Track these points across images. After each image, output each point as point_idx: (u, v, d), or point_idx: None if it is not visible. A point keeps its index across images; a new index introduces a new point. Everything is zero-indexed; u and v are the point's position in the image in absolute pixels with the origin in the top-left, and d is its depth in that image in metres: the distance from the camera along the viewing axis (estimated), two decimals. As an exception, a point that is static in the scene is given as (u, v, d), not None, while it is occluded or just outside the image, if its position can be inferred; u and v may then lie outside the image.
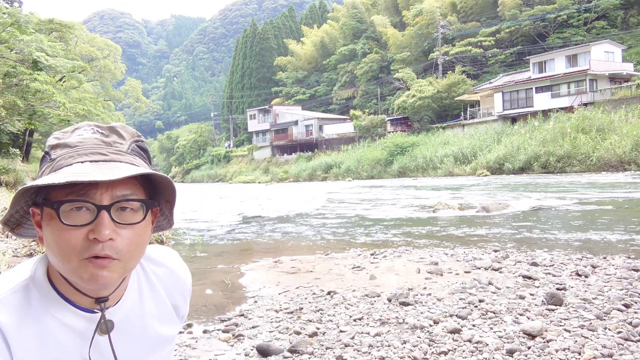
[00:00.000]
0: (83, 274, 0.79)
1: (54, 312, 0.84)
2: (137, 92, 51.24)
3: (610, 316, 3.05)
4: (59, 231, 0.78)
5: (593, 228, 7.51)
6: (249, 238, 8.65)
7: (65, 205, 0.78)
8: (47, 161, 0.84)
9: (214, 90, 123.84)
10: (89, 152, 0.82)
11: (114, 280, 0.82)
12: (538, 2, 46.68)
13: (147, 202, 0.84)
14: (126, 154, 0.85)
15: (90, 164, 0.80)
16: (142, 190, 0.85)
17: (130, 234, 0.82)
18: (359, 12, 65.85)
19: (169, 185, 0.88)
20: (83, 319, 0.86)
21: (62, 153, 0.83)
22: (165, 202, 0.95)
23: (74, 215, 0.78)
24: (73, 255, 0.78)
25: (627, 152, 24.29)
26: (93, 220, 0.78)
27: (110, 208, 0.79)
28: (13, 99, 14.85)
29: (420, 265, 5.02)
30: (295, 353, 2.74)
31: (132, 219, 0.82)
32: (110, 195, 0.80)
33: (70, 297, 0.85)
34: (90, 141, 0.84)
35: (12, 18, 16.22)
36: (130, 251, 0.82)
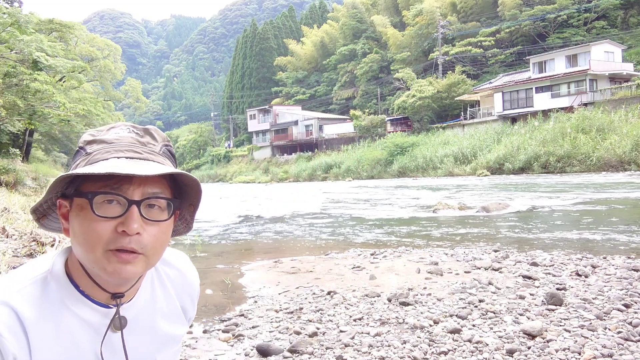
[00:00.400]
0: (107, 265, 0.82)
1: (70, 305, 0.86)
2: (137, 92, 51.22)
3: (610, 316, 3.05)
4: (89, 221, 0.82)
5: (593, 228, 7.51)
6: (249, 238, 8.65)
7: (98, 197, 0.81)
8: (82, 155, 0.87)
9: (214, 90, 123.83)
10: (125, 149, 0.86)
11: (136, 275, 0.85)
12: (538, 2, 46.68)
13: (174, 201, 0.88)
14: (158, 154, 0.90)
15: (126, 159, 0.84)
16: (170, 191, 0.89)
17: (156, 230, 0.85)
18: (359, 12, 65.86)
19: (196, 187, 0.92)
20: (98, 314, 0.88)
21: (98, 148, 0.87)
22: (189, 205, 0.98)
23: (105, 207, 0.82)
24: (98, 246, 0.81)
25: (627, 152, 24.29)
26: (123, 213, 0.82)
27: (141, 203, 0.83)
28: (13, 99, 14.85)
29: (420, 265, 5.02)
30: (295, 353, 2.74)
31: (159, 217, 0.86)
32: (141, 191, 0.83)
33: (88, 291, 0.88)
34: (126, 139, 0.88)
35: (12, 18, 16.22)
36: (155, 247, 0.86)
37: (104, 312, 0.89)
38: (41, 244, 5.05)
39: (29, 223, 6.40)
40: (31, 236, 5.33)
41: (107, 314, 0.89)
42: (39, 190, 15.03)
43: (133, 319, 0.93)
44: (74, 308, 0.87)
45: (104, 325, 0.89)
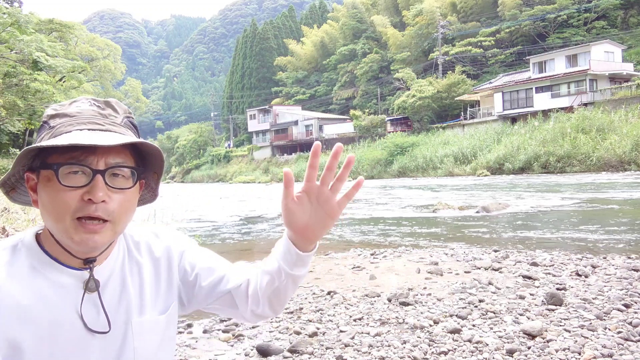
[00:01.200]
0: (74, 235, 0.85)
1: (41, 269, 0.89)
2: (137, 92, 51.27)
3: (610, 316, 3.05)
4: (56, 192, 0.85)
5: (593, 228, 7.51)
6: (249, 238, 8.65)
7: (64, 168, 0.84)
8: (46, 129, 0.90)
9: (214, 90, 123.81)
10: (86, 122, 0.89)
11: (103, 244, 0.89)
12: (538, 2, 46.69)
13: (137, 170, 0.92)
14: (120, 125, 0.93)
15: (89, 131, 0.87)
16: (133, 160, 0.92)
17: (121, 198, 0.89)
18: (359, 12, 65.87)
19: (158, 156, 0.95)
20: (71, 277, 0.91)
21: (61, 122, 0.89)
22: (153, 173, 1.02)
23: (71, 177, 0.85)
24: (67, 215, 0.84)
25: (627, 152, 24.29)
26: (88, 183, 0.85)
27: (105, 173, 0.86)
28: (13, 99, 14.85)
29: (420, 265, 5.02)
30: (295, 353, 2.74)
31: (124, 185, 0.89)
32: (104, 161, 0.87)
33: (59, 257, 0.91)
34: (88, 112, 0.91)
35: (12, 18, 16.22)
36: (120, 214, 0.89)
37: (76, 275, 0.91)
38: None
39: (29, 223, 6.40)
40: (31, 236, 5.33)
41: (80, 277, 0.91)
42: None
43: (105, 281, 0.94)
44: (45, 272, 0.89)
45: (78, 287, 0.90)
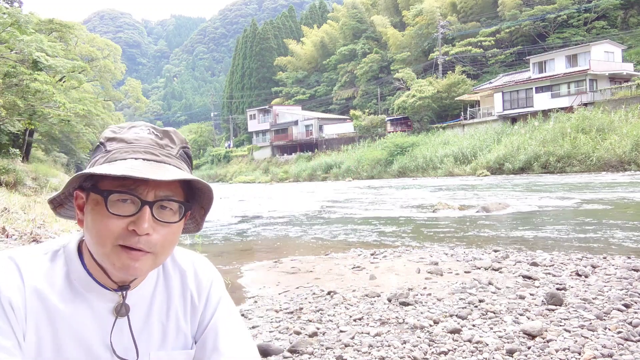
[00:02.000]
0: (115, 261, 0.85)
1: (74, 281, 0.90)
2: (137, 92, 51.24)
3: (610, 316, 3.05)
4: (102, 217, 0.85)
5: (593, 228, 7.51)
6: (249, 238, 8.65)
7: (114, 195, 0.84)
8: (102, 152, 0.90)
9: (214, 90, 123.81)
10: (143, 151, 0.88)
11: (143, 272, 0.89)
12: (538, 2, 46.68)
13: (186, 205, 0.91)
14: (175, 157, 0.92)
15: (143, 161, 0.86)
16: (182, 194, 0.92)
17: (166, 231, 0.88)
18: (359, 12, 65.85)
19: (209, 193, 0.95)
20: (100, 296, 0.91)
21: (118, 147, 0.89)
22: (200, 207, 1.01)
23: (119, 205, 0.85)
24: (108, 241, 0.84)
25: (627, 152, 24.29)
26: (136, 213, 0.85)
27: (153, 205, 0.86)
28: (13, 99, 14.84)
29: (420, 265, 5.02)
30: (295, 353, 2.74)
31: (170, 219, 0.88)
32: (154, 193, 0.86)
33: (94, 273, 0.91)
34: (145, 140, 0.90)
35: (12, 18, 16.21)
36: (163, 247, 0.88)
37: (109, 297, 0.91)
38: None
39: (29, 223, 6.41)
40: (31, 236, 5.33)
41: (112, 298, 0.91)
42: (39, 190, 15.02)
43: (132, 306, 0.94)
44: (79, 286, 0.90)
45: (106, 308, 0.91)
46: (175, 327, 0.99)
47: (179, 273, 1.02)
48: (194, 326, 1.01)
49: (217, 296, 1.04)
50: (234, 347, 0.99)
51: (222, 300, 1.04)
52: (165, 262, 1.00)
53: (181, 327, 0.99)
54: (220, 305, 1.03)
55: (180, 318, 1.00)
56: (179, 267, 1.02)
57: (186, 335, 1.00)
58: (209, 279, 1.05)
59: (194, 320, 1.01)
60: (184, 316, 1.00)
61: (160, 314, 0.97)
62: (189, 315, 1.01)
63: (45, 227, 6.52)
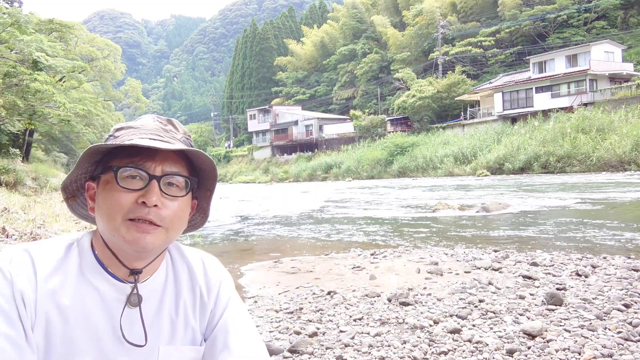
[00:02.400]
0: (126, 234, 0.88)
1: (88, 273, 0.92)
2: (137, 92, 51.22)
3: (610, 316, 3.05)
4: (113, 192, 0.89)
5: (593, 228, 7.51)
6: (249, 238, 8.65)
7: (122, 170, 0.90)
8: (111, 140, 0.96)
9: (214, 90, 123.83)
10: (149, 133, 0.95)
11: (154, 246, 0.91)
12: (538, 2, 46.69)
13: (191, 179, 0.96)
14: (179, 141, 0.98)
15: (149, 140, 0.92)
16: (187, 172, 0.97)
17: (174, 205, 0.92)
18: (359, 12, 65.86)
19: (212, 170, 1.00)
20: (114, 287, 0.93)
21: (125, 132, 0.96)
22: (205, 191, 1.05)
23: (129, 181, 0.90)
24: (119, 215, 0.88)
25: (627, 152, 24.29)
26: (144, 187, 0.90)
27: (161, 179, 0.91)
28: (13, 99, 14.84)
29: (420, 265, 5.02)
30: (295, 353, 2.74)
31: (177, 193, 0.93)
32: (161, 169, 0.92)
33: (107, 263, 0.94)
34: (151, 125, 0.98)
35: (12, 18, 16.20)
36: (173, 221, 0.92)
37: (119, 287, 0.93)
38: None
39: (29, 223, 6.41)
40: (31, 236, 5.33)
41: (123, 290, 0.93)
42: (39, 190, 15.02)
43: (145, 298, 0.96)
44: (90, 277, 0.92)
45: (119, 300, 0.92)
46: (184, 322, 0.99)
47: (187, 268, 1.04)
48: (202, 323, 1.02)
49: (227, 295, 1.05)
50: (244, 345, 0.99)
51: (232, 299, 1.06)
52: (174, 256, 1.04)
53: (190, 322, 1.00)
54: (230, 304, 1.04)
55: (190, 313, 1.01)
56: (187, 262, 1.04)
57: (195, 331, 1.01)
58: (218, 278, 1.06)
59: (203, 317, 1.02)
60: (193, 312, 1.01)
61: (170, 309, 0.99)
62: (198, 312, 1.02)
63: (45, 227, 6.52)
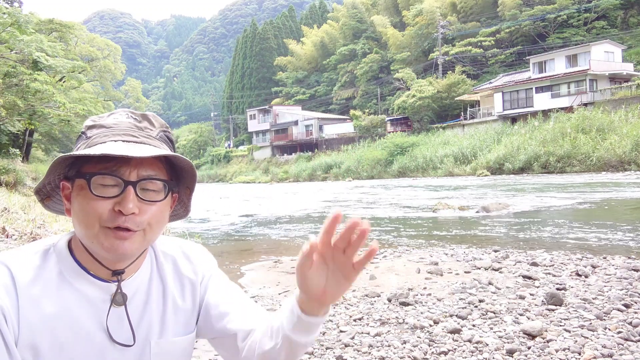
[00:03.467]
0: (104, 241, 0.85)
1: (69, 277, 0.89)
2: (137, 92, 51.26)
3: (610, 316, 3.05)
4: (88, 200, 0.85)
5: (593, 228, 7.51)
6: (249, 238, 8.65)
7: (96, 178, 0.85)
8: (83, 139, 0.91)
9: (214, 90, 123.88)
10: (122, 133, 0.89)
11: (133, 251, 0.88)
12: (538, 2, 46.69)
13: (169, 183, 0.92)
14: (155, 139, 0.93)
15: (123, 143, 0.87)
16: (165, 174, 0.92)
17: (152, 210, 0.88)
18: (359, 12, 65.85)
19: (191, 170, 0.96)
20: (98, 288, 0.91)
21: (97, 132, 0.90)
22: (185, 188, 1.02)
23: (103, 188, 0.85)
24: (96, 222, 0.84)
25: (627, 152, 24.28)
26: (120, 194, 0.85)
27: (137, 184, 0.86)
28: (13, 99, 14.84)
29: (420, 265, 5.02)
30: (295, 353, 2.74)
31: (155, 198, 0.89)
32: (137, 173, 0.87)
33: (88, 266, 0.90)
34: (124, 124, 0.91)
35: (12, 18, 16.20)
36: (151, 224, 0.88)
37: (104, 287, 0.91)
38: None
39: (29, 223, 6.41)
40: (31, 236, 5.33)
41: (107, 289, 0.91)
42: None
43: (131, 297, 0.94)
44: (72, 281, 0.89)
45: (104, 300, 0.90)
46: (174, 313, 0.99)
47: (170, 261, 1.02)
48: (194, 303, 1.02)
49: (209, 270, 1.06)
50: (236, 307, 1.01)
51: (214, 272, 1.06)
52: (156, 250, 1.01)
53: (180, 308, 1.00)
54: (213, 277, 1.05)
55: (179, 301, 1.00)
56: (169, 255, 1.03)
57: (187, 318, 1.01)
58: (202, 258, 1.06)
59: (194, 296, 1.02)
60: (182, 298, 1.01)
61: (158, 302, 0.97)
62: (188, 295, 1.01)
63: (45, 227, 6.51)
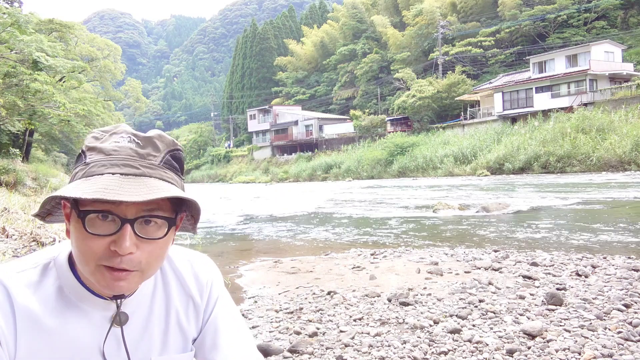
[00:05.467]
0: (100, 280, 0.81)
1: (69, 294, 0.87)
2: (137, 92, 51.28)
3: (610, 316, 3.04)
4: (83, 237, 0.80)
5: (593, 228, 7.51)
6: (249, 238, 8.65)
7: (91, 216, 0.79)
8: (82, 163, 0.85)
9: (214, 90, 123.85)
10: (120, 164, 0.82)
11: (130, 290, 0.85)
12: (538, 2, 46.70)
13: (171, 220, 0.85)
14: (158, 168, 0.85)
15: (120, 177, 0.80)
16: (169, 206, 0.85)
17: (151, 247, 0.83)
18: (359, 12, 65.85)
19: (195, 205, 0.90)
20: (96, 305, 0.88)
21: (96, 160, 0.83)
22: (190, 216, 0.98)
23: (99, 224, 0.80)
24: (92, 261, 0.80)
25: (627, 152, 24.29)
26: (116, 231, 0.79)
27: (135, 222, 0.80)
28: (13, 99, 14.84)
29: (420, 265, 5.02)
30: (295, 353, 2.74)
31: (155, 234, 0.83)
32: (135, 209, 0.80)
33: (88, 282, 0.87)
34: (124, 151, 0.84)
35: (12, 18, 16.20)
36: (149, 263, 0.84)
37: (103, 305, 0.88)
38: (41, 244, 5.05)
39: (29, 223, 6.40)
40: (31, 236, 5.33)
41: (107, 307, 0.89)
42: (39, 190, 15.02)
43: (130, 314, 0.91)
44: (73, 298, 0.86)
45: (104, 317, 0.88)
46: (177, 330, 0.97)
47: (176, 276, 0.99)
48: (197, 325, 1.00)
49: (216, 294, 1.02)
50: (232, 343, 0.98)
51: (221, 297, 1.03)
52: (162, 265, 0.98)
53: (183, 327, 0.98)
54: (218, 303, 1.02)
55: (182, 319, 0.98)
56: (176, 269, 0.99)
57: (187, 337, 0.98)
58: (209, 278, 1.03)
59: (197, 319, 1.00)
60: (186, 316, 0.98)
61: (160, 318, 0.95)
62: (191, 315, 0.99)
63: (45, 227, 6.51)
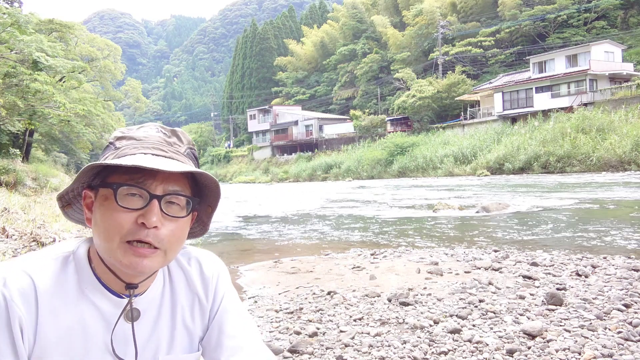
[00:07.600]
0: (122, 258, 0.85)
1: (85, 289, 0.90)
2: (137, 92, 51.26)
3: (611, 316, 3.04)
4: (111, 211, 0.85)
5: (593, 228, 7.51)
6: (249, 238, 8.65)
7: (122, 189, 0.85)
8: (112, 150, 0.92)
9: (214, 90, 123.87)
10: (151, 147, 0.90)
11: (151, 270, 0.88)
12: (538, 2, 46.70)
13: (193, 200, 0.92)
14: (182, 155, 0.94)
15: (152, 156, 0.88)
16: (190, 191, 0.93)
17: (174, 226, 0.89)
18: (359, 12, 65.86)
19: (215, 189, 0.96)
20: (110, 302, 0.91)
21: (127, 144, 0.91)
22: (207, 206, 1.02)
23: (128, 199, 0.86)
24: (117, 236, 0.85)
25: (627, 152, 24.29)
26: (144, 206, 0.85)
27: (162, 199, 0.87)
28: (13, 99, 14.84)
29: (420, 265, 5.02)
30: (295, 353, 2.74)
31: (178, 214, 0.89)
32: (163, 188, 0.87)
33: (103, 278, 0.91)
34: (154, 138, 0.93)
35: (12, 18, 16.20)
36: (171, 242, 0.88)
37: (116, 302, 0.91)
38: (41, 244, 5.05)
39: (29, 223, 6.40)
40: (31, 236, 5.32)
41: (119, 304, 0.91)
42: (39, 190, 15.02)
43: (143, 311, 0.94)
44: (88, 292, 0.89)
45: (115, 315, 0.91)
46: (183, 329, 0.99)
47: (183, 273, 1.01)
48: (203, 324, 1.01)
49: (222, 291, 1.04)
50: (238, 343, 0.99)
51: (227, 294, 1.04)
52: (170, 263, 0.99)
53: (189, 327, 0.99)
54: (224, 300, 1.03)
55: (187, 318, 0.99)
56: (182, 265, 1.02)
57: (193, 336, 1.00)
58: (214, 275, 1.04)
59: (202, 318, 1.01)
60: (192, 316, 1.00)
61: (167, 318, 0.97)
62: (197, 314, 1.01)
63: (45, 227, 6.51)
